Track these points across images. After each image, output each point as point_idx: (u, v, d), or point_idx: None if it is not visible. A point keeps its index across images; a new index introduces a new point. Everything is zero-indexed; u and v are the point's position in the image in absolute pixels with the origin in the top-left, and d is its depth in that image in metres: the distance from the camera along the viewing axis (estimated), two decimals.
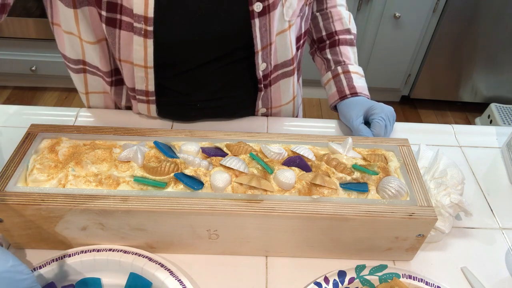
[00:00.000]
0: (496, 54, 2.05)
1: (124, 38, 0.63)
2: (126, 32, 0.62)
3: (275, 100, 0.79)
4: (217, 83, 0.74)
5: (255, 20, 0.63)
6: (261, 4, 0.62)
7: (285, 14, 0.66)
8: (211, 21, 0.64)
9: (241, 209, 0.51)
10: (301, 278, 0.56)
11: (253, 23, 0.64)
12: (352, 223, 0.52)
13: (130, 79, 0.69)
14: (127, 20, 0.61)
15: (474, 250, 0.61)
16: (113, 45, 0.64)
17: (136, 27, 0.61)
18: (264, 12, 0.63)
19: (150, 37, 0.62)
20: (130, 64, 0.66)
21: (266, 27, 0.65)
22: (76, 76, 0.75)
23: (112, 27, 0.62)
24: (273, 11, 0.64)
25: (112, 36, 0.63)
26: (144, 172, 0.55)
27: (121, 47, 0.64)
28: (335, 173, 0.57)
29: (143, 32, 0.61)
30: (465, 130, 0.82)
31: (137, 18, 0.60)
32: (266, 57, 0.69)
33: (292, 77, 0.77)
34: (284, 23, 0.67)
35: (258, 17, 0.63)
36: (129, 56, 0.65)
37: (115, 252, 0.54)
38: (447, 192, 0.59)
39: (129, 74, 0.68)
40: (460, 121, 2.29)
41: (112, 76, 0.72)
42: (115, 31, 0.62)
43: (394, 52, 2.08)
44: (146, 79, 0.68)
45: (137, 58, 0.64)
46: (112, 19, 0.61)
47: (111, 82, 0.73)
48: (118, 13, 0.60)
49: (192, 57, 0.68)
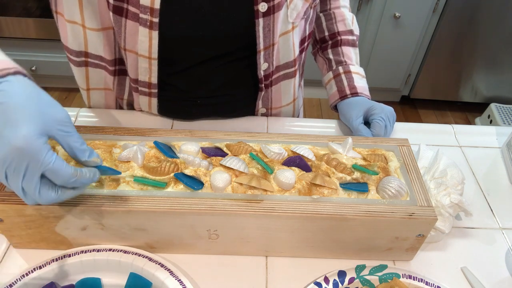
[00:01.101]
0: (496, 54, 2.05)
1: (130, 27, 0.63)
2: (132, 22, 0.62)
3: (275, 101, 0.79)
4: (218, 81, 0.74)
5: (259, 19, 0.64)
6: (266, 4, 0.63)
7: (289, 16, 0.67)
8: (216, 18, 0.64)
9: (241, 209, 0.51)
10: (301, 278, 0.56)
11: (257, 22, 0.64)
12: (352, 223, 0.52)
13: (133, 70, 0.69)
14: (133, 11, 0.61)
15: (474, 250, 0.61)
16: (119, 34, 0.65)
17: (142, 18, 0.61)
18: (269, 13, 0.64)
19: (155, 28, 0.62)
20: (135, 54, 0.66)
21: (270, 27, 0.65)
22: (77, 70, 0.75)
23: (118, 15, 0.62)
24: (278, 12, 0.64)
25: (119, 25, 0.63)
26: (144, 172, 0.55)
27: (127, 36, 0.64)
28: (335, 173, 0.57)
29: (148, 24, 0.61)
30: (465, 130, 0.82)
31: (143, 9, 0.60)
32: (268, 57, 0.69)
33: (293, 78, 0.77)
34: (288, 24, 0.68)
35: (263, 17, 0.64)
36: (134, 46, 0.65)
37: (115, 252, 0.54)
38: (447, 192, 0.59)
39: (133, 64, 0.68)
40: (460, 121, 2.29)
41: (116, 65, 0.73)
42: (122, 19, 0.62)
43: (394, 52, 2.08)
44: (149, 71, 0.68)
45: (142, 49, 0.65)
46: (119, 8, 0.61)
47: (114, 71, 0.73)
48: (125, 2, 0.61)
49: (195, 53, 0.69)
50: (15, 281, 0.50)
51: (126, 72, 0.73)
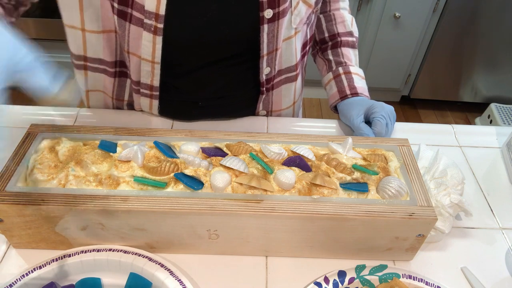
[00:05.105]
0: (496, 54, 2.05)
1: (134, 32, 0.63)
2: (135, 27, 0.62)
3: (276, 104, 0.80)
4: (220, 83, 0.74)
5: (264, 25, 0.64)
6: (271, 11, 0.63)
7: (292, 22, 0.67)
8: (221, 24, 0.64)
9: (241, 209, 0.51)
10: (301, 278, 0.56)
11: (262, 28, 0.64)
12: (352, 223, 0.52)
13: (136, 72, 0.70)
14: (137, 16, 0.61)
15: (474, 250, 0.61)
16: (123, 37, 0.65)
17: (146, 24, 0.61)
18: (274, 19, 0.64)
19: (159, 34, 0.62)
20: (138, 57, 0.67)
21: (274, 33, 0.66)
22: (77, 72, 0.75)
23: (123, 19, 0.62)
24: (282, 18, 0.65)
25: (123, 28, 0.63)
26: (144, 172, 0.55)
27: (130, 40, 0.65)
28: (335, 173, 0.57)
29: (152, 29, 0.62)
30: (465, 130, 0.82)
31: (148, 14, 0.60)
32: (270, 62, 0.70)
33: (294, 82, 0.78)
34: (291, 30, 0.68)
35: (267, 23, 0.64)
36: (137, 50, 0.66)
37: (115, 252, 0.54)
38: (447, 192, 0.59)
39: (136, 67, 0.69)
40: (460, 121, 2.29)
41: (116, 67, 0.73)
42: (126, 24, 0.63)
43: (394, 52, 2.08)
44: (152, 74, 0.68)
45: (145, 53, 0.65)
46: (123, 12, 0.61)
47: (115, 73, 0.74)
48: (129, 7, 0.61)
49: (198, 57, 0.69)
50: (15, 281, 0.50)
51: (126, 74, 0.73)
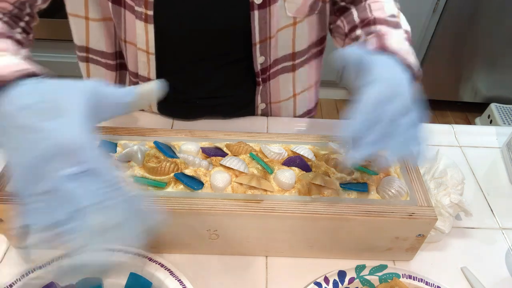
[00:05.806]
0: (496, 54, 2.05)
1: (129, 19, 0.63)
2: (130, 14, 0.63)
3: (274, 95, 0.79)
4: (216, 82, 0.74)
5: (255, 12, 0.63)
6: None
7: (287, 9, 0.66)
8: (212, 11, 0.64)
9: (241, 209, 0.51)
10: (301, 278, 0.56)
11: (252, 14, 0.63)
12: (352, 223, 0.52)
13: (133, 63, 0.70)
14: (129, 3, 0.61)
15: (474, 250, 0.61)
16: (119, 25, 0.65)
17: (137, 11, 0.61)
18: (264, 5, 0.63)
19: (150, 21, 0.62)
20: (134, 46, 0.67)
21: (266, 19, 0.65)
22: (81, 64, 0.76)
23: (117, 5, 0.62)
24: (274, 5, 0.64)
25: (118, 16, 0.64)
26: (144, 172, 0.55)
27: (127, 27, 0.65)
28: (335, 173, 0.57)
29: (143, 17, 0.62)
30: (465, 130, 0.82)
31: (137, 1, 0.60)
32: (264, 51, 0.69)
33: (292, 72, 0.77)
34: (288, 19, 0.67)
35: (258, 9, 0.63)
36: (133, 39, 0.66)
37: (115, 252, 0.54)
38: (447, 192, 0.59)
39: (132, 57, 0.69)
40: (460, 121, 2.29)
41: (117, 58, 0.73)
42: (121, 10, 0.63)
43: None
44: (148, 65, 0.68)
45: (140, 42, 0.65)
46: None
47: (116, 65, 0.74)
48: None
49: (192, 49, 0.69)
50: (15, 281, 0.50)
51: (126, 67, 0.73)
